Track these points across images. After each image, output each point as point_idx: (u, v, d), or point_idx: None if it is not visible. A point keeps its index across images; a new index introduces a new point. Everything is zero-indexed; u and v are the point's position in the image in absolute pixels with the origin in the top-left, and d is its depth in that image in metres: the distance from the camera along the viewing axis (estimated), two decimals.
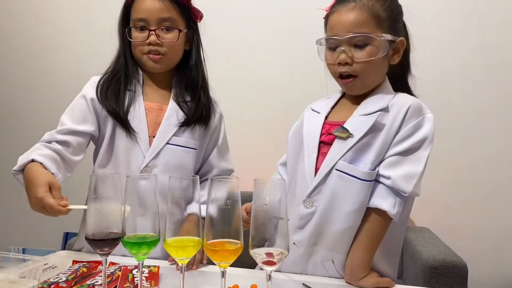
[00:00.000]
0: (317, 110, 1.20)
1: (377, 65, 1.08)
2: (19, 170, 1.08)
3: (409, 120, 1.04)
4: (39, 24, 2.67)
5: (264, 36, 2.28)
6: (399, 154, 1.03)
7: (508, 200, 2.11)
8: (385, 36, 1.05)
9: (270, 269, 0.76)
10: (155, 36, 1.19)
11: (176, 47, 1.23)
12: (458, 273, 1.61)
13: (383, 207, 1.02)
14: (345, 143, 1.06)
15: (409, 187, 1.01)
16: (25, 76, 2.70)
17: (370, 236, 1.04)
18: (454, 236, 2.05)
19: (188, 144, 1.24)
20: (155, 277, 0.99)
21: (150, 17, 1.19)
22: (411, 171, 1.02)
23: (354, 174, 1.03)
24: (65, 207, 0.94)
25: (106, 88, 1.22)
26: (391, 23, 1.07)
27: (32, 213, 0.99)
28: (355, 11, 1.05)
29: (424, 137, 1.03)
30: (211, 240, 0.75)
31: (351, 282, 1.03)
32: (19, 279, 0.82)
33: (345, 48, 1.06)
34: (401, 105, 1.05)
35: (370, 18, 1.05)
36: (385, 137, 1.04)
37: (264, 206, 0.75)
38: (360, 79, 1.09)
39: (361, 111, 1.09)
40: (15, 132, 2.70)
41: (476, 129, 2.12)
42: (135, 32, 1.22)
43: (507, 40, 2.09)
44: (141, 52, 1.23)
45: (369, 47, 1.06)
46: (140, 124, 1.21)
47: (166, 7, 1.20)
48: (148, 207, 0.81)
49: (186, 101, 1.26)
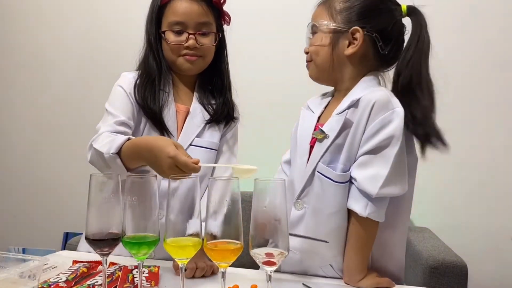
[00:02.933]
0: (311, 109, 1.18)
1: (325, 51, 1.09)
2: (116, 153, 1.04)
3: (375, 115, 0.99)
4: (38, 23, 2.67)
5: (265, 35, 2.28)
6: (368, 153, 1.00)
7: (508, 200, 2.10)
8: (328, 24, 1.08)
9: (270, 269, 0.76)
10: (194, 41, 1.18)
11: (211, 50, 1.24)
12: (458, 273, 1.61)
13: (355, 209, 1.01)
14: (321, 145, 1.06)
15: (374, 189, 0.98)
16: (25, 76, 2.70)
17: (358, 238, 1.03)
18: (454, 236, 2.05)
19: (210, 145, 1.25)
20: (155, 277, 0.99)
21: (188, 21, 1.18)
22: (377, 172, 0.98)
23: (330, 176, 1.03)
24: (196, 164, 0.92)
25: (144, 90, 1.19)
26: (347, 14, 1.08)
27: (32, 213, 0.99)
28: (318, 3, 1.14)
29: (391, 134, 0.98)
30: (211, 238, 0.75)
31: (350, 283, 1.03)
32: (19, 279, 0.82)
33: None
34: (368, 100, 1.01)
35: (324, 8, 1.11)
36: (353, 135, 1.02)
37: (264, 208, 0.75)
38: (312, 63, 1.13)
39: (338, 109, 1.07)
40: (15, 132, 2.70)
41: (476, 129, 2.12)
42: (171, 35, 1.19)
43: (509, 38, 2.09)
44: (177, 54, 1.21)
45: (318, 34, 1.10)
46: (172, 125, 1.21)
47: (204, 11, 1.19)
48: (148, 207, 0.81)
49: (210, 103, 1.26)
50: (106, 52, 2.52)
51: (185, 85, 1.28)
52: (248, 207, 0.75)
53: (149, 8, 1.24)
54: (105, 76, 1.80)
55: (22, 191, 2.72)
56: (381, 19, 1.08)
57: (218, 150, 1.29)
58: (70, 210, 2.59)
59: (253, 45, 2.28)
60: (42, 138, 2.67)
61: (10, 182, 2.75)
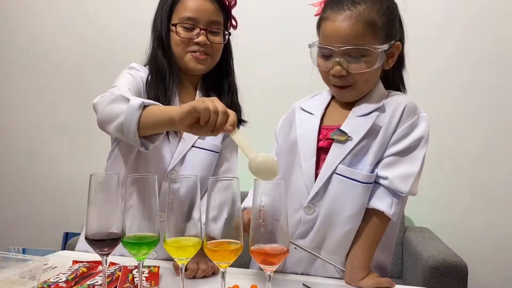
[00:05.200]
0: (309, 111, 1.16)
1: (372, 73, 1.06)
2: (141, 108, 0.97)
3: (405, 119, 1.04)
4: (38, 23, 2.67)
5: (259, 35, 2.29)
6: (396, 155, 1.03)
7: (508, 200, 2.11)
8: (381, 48, 1.02)
9: (270, 269, 0.76)
10: (204, 37, 1.17)
11: (220, 49, 1.23)
12: (458, 273, 1.61)
13: (381, 208, 1.02)
14: (343, 146, 1.04)
15: (406, 187, 1.01)
16: (25, 76, 2.71)
17: (369, 236, 1.04)
18: (454, 236, 2.05)
19: (212, 147, 1.23)
20: (155, 277, 0.99)
21: (201, 17, 1.17)
22: (408, 171, 1.02)
23: (355, 178, 1.02)
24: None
25: (156, 89, 1.18)
26: (387, 29, 1.04)
27: (32, 213, 0.99)
28: (351, 21, 1.00)
29: (420, 137, 1.03)
30: (211, 240, 0.75)
31: (351, 283, 1.03)
32: (19, 279, 0.82)
33: (340, 60, 1.02)
34: (396, 105, 1.05)
35: (366, 28, 1.00)
36: (382, 138, 1.04)
37: (263, 208, 0.75)
38: (354, 88, 1.06)
39: (356, 112, 1.07)
40: (15, 132, 2.70)
41: (477, 129, 2.12)
42: (181, 30, 1.18)
43: (507, 36, 2.09)
44: (185, 50, 1.19)
45: (365, 58, 1.02)
46: None
47: (216, 10, 1.19)
48: (148, 207, 0.81)
49: None
50: (107, 51, 2.52)
51: (189, 85, 1.27)
52: None
53: (159, 4, 1.23)
54: (105, 76, 1.80)
55: (22, 191, 2.72)
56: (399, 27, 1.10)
57: (220, 153, 1.27)
58: (70, 210, 2.60)
59: (257, 46, 2.28)
60: (42, 138, 2.67)
61: (10, 182, 2.75)
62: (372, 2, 1.02)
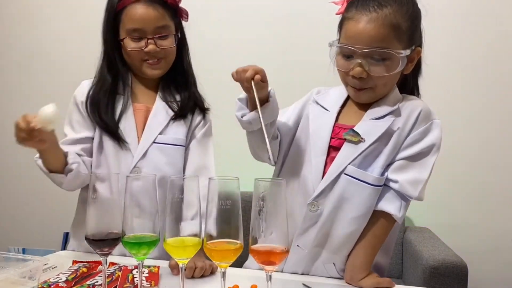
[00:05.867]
0: (324, 106, 1.14)
1: (392, 77, 1.04)
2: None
3: (419, 124, 1.04)
4: (38, 23, 2.67)
5: (260, 32, 2.29)
6: (407, 159, 1.03)
7: (508, 200, 2.11)
8: (404, 53, 1.00)
9: (270, 269, 0.76)
10: (153, 45, 1.17)
11: (173, 50, 1.23)
12: (458, 273, 1.61)
13: (389, 210, 1.02)
14: (355, 147, 1.04)
15: (415, 192, 1.02)
16: (25, 76, 2.71)
17: (373, 238, 1.04)
18: (454, 236, 2.05)
19: (175, 141, 1.23)
20: (155, 277, 0.99)
21: (146, 27, 1.16)
22: (418, 176, 1.03)
23: (365, 180, 1.02)
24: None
25: (96, 101, 1.21)
26: (410, 34, 1.02)
27: (32, 213, 0.99)
28: (376, 23, 0.98)
29: (432, 143, 1.04)
30: (211, 240, 0.75)
31: (351, 283, 1.03)
32: (19, 279, 0.82)
33: (361, 61, 1.00)
34: (411, 109, 1.05)
35: (391, 32, 0.99)
36: (395, 142, 1.04)
37: (263, 207, 0.75)
38: (372, 90, 1.05)
39: (371, 114, 1.07)
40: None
41: (477, 129, 2.12)
42: (130, 43, 1.18)
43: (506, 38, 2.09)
44: (138, 60, 1.20)
45: (387, 62, 1.00)
46: (129, 126, 1.21)
47: (161, 15, 1.17)
48: (147, 207, 0.81)
49: (175, 100, 1.26)
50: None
51: (146, 84, 1.27)
52: (248, 207, 0.75)
53: (104, 15, 1.22)
54: None
55: (22, 191, 2.72)
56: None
57: (188, 147, 1.26)
58: (70, 210, 2.59)
59: (250, 42, 2.28)
60: None
61: (10, 182, 2.75)
62: (398, 5, 1.00)
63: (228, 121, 1.44)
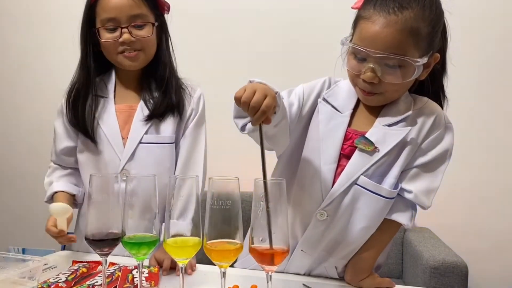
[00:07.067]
0: (336, 107, 1.05)
1: (405, 84, 0.98)
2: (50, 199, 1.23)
3: (433, 131, 1.01)
4: (38, 23, 2.67)
5: (259, 31, 2.29)
6: (420, 167, 1.01)
7: (508, 200, 2.11)
8: (420, 61, 0.93)
9: (270, 269, 0.76)
10: (128, 34, 1.14)
11: (151, 41, 1.19)
12: (458, 273, 1.61)
13: (402, 221, 1.01)
14: (368, 157, 0.98)
15: (429, 202, 1.01)
16: (25, 76, 2.70)
17: (380, 243, 1.04)
18: (454, 236, 2.05)
19: (162, 140, 1.20)
20: (155, 277, 0.99)
21: (120, 15, 1.13)
22: (430, 185, 1.01)
23: (379, 192, 0.99)
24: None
25: (72, 106, 1.20)
26: (429, 40, 0.95)
27: (32, 213, 1.00)
28: (394, 28, 0.90)
29: (445, 150, 1.01)
30: (211, 240, 0.75)
31: (351, 283, 1.03)
32: (19, 279, 0.82)
33: (374, 66, 0.93)
34: (426, 116, 1.01)
35: (409, 38, 0.91)
36: (410, 151, 1.00)
37: (264, 207, 0.75)
38: (383, 95, 0.99)
39: (383, 121, 1.01)
40: (15, 132, 2.70)
41: (477, 129, 2.12)
42: (105, 33, 1.15)
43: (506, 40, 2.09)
44: (115, 52, 1.17)
45: (402, 69, 0.93)
46: (112, 129, 1.19)
47: (136, 3, 1.14)
48: (147, 207, 0.81)
49: (153, 97, 1.22)
50: None
51: (130, 82, 1.24)
52: (248, 207, 0.75)
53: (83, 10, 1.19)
54: None
55: (22, 191, 2.72)
56: None
57: (177, 144, 1.24)
58: None
59: (249, 40, 2.28)
60: (42, 138, 2.66)
61: (10, 182, 2.75)
62: (420, 8, 0.92)
63: (228, 121, 1.44)
